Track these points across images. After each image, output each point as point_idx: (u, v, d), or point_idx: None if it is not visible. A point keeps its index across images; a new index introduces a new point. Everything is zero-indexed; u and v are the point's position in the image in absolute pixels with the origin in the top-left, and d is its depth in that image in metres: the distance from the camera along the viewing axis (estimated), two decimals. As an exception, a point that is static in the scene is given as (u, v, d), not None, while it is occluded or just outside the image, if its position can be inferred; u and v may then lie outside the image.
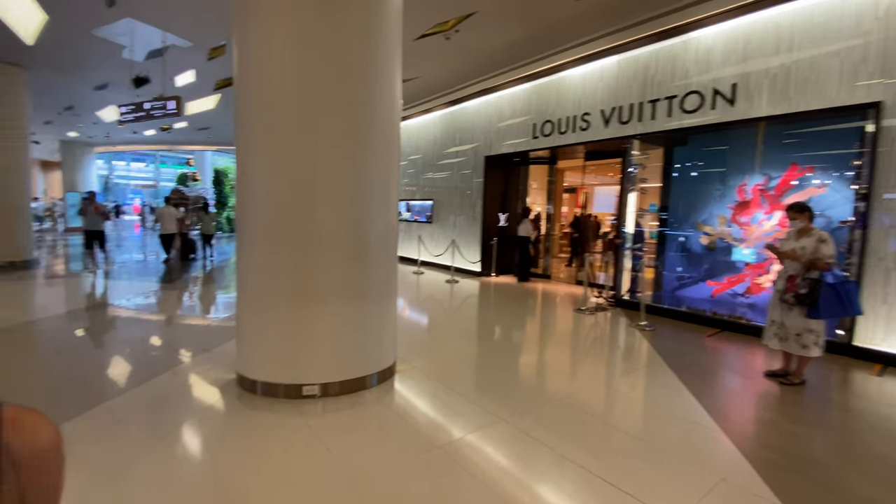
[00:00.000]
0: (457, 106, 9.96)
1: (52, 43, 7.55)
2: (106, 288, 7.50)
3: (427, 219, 10.87)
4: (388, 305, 3.65)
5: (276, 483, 2.29)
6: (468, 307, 6.93)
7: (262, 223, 3.24)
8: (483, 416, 3.07)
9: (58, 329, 5.01)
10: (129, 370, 3.82)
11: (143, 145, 22.86)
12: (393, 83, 3.54)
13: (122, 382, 3.55)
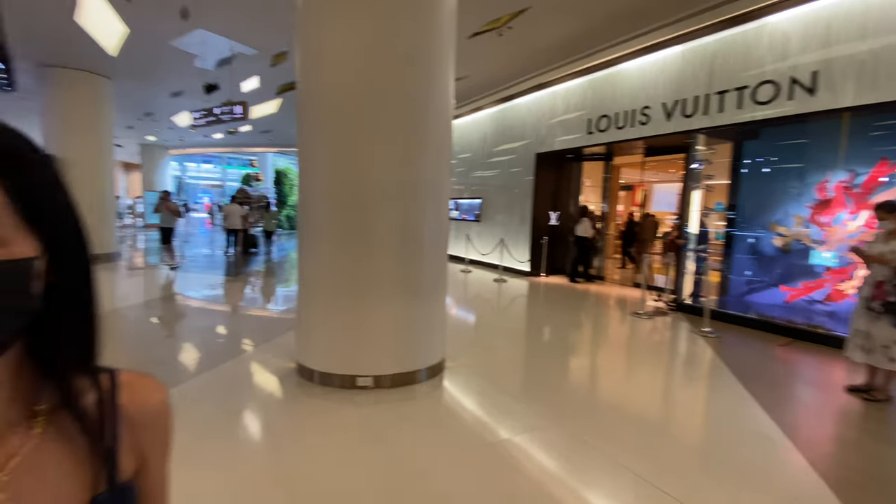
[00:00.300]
0: (507, 103, 9.86)
1: (133, 54, 8.26)
2: (178, 280, 8.12)
3: (475, 217, 10.86)
4: (437, 302, 3.69)
5: (332, 467, 2.38)
6: (517, 307, 6.84)
7: (321, 221, 3.38)
8: (533, 418, 3.01)
9: (136, 317, 5.49)
10: (198, 356, 4.11)
11: (212, 148, 24.53)
12: (446, 83, 3.56)
13: (192, 367, 3.83)
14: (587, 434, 2.81)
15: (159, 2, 6.13)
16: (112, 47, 7.78)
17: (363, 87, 3.21)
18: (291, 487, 2.21)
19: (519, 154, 9.58)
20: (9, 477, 0.41)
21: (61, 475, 0.44)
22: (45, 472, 0.43)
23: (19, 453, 0.42)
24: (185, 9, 6.26)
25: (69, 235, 0.43)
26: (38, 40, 7.60)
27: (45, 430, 0.44)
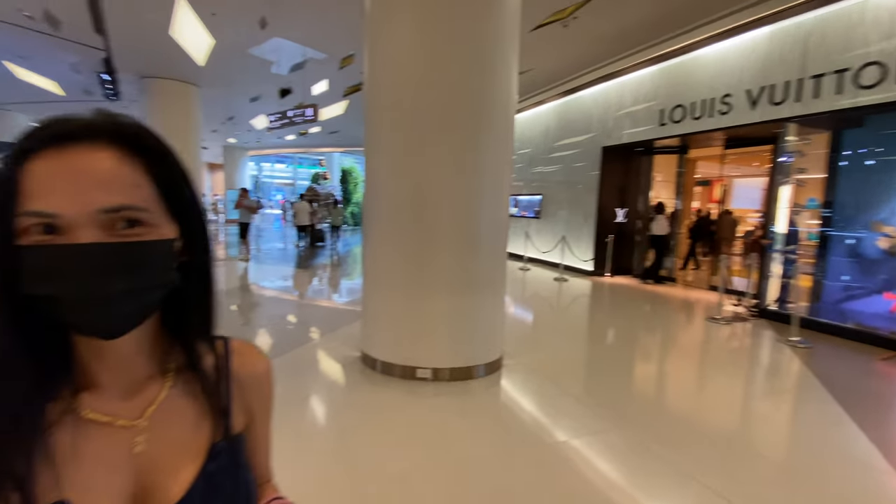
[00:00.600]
0: (571, 96, 9.54)
1: (218, 63, 8.99)
2: (253, 271, 8.76)
3: (535, 214, 10.65)
4: (496, 299, 3.68)
5: (392, 451, 2.47)
6: (578, 307, 6.63)
7: (384, 217, 3.50)
8: (595, 422, 2.92)
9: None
10: (270, 343, 4.43)
11: (285, 149, 26.15)
12: (509, 79, 3.54)
13: (265, 352, 4.13)
14: (653, 442, 2.67)
15: (241, 14, 6.63)
16: (200, 58, 8.55)
17: (426, 88, 3.27)
18: (353, 464, 2.32)
19: (583, 148, 9.25)
20: (148, 422, 0.49)
21: (187, 424, 0.52)
22: (174, 421, 0.51)
23: (155, 403, 0.50)
24: (263, 19, 6.72)
25: (197, 222, 0.49)
26: (139, 54, 8.52)
27: (174, 386, 0.52)
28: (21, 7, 6.52)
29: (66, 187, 0.39)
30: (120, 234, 0.41)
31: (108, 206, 0.40)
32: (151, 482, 0.48)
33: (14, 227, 0.39)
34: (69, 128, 0.42)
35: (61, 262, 0.39)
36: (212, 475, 0.51)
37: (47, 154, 0.40)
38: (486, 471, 2.35)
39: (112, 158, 0.42)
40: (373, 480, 2.24)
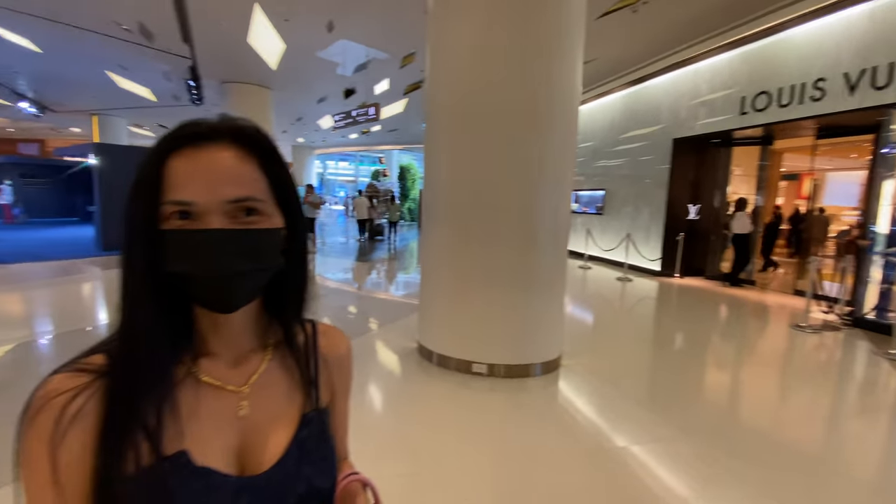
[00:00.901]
0: (638, 86, 9.04)
1: (288, 66, 9.50)
2: (318, 263, 9.20)
3: (597, 210, 10.23)
4: (555, 297, 3.58)
5: (449, 441, 2.49)
6: (643, 309, 6.29)
7: (443, 211, 3.52)
8: (660, 429, 2.75)
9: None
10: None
11: (348, 147, 27.20)
12: (574, 70, 3.42)
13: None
14: (725, 454, 2.48)
15: (310, 18, 6.95)
16: (273, 62, 9.09)
17: (487, 82, 3.23)
18: (409, 452, 2.36)
19: (651, 140, 8.74)
20: (250, 389, 0.55)
21: (282, 394, 0.58)
22: (272, 390, 0.57)
23: (257, 373, 0.56)
24: (330, 22, 7.01)
25: (297, 213, 0.56)
26: (220, 61, 9.21)
27: (272, 359, 0.59)
28: (120, 21, 7.28)
29: (201, 181, 0.47)
30: (241, 221, 0.48)
31: (233, 197, 0.48)
32: (252, 443, 0.54)
33: (159, 213, 0.47)
34: (200, 130, 0.49)
35: (198, 244, 0.46)
36: (303, 441, 0.56)
37: (184, 152, 0.48)
38: (541, 470, 2.30)
39: (235, 157, 0.49)
40: (428, 469, 2.27)
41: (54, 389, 0.45)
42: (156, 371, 0.48)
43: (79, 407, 0.45)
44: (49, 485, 0.44)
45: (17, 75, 11.16)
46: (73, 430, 0.44)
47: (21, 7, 6.78)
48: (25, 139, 25.84)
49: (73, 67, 10.09)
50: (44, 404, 0.44)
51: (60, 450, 0.44)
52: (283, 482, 0.53)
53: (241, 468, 0.52)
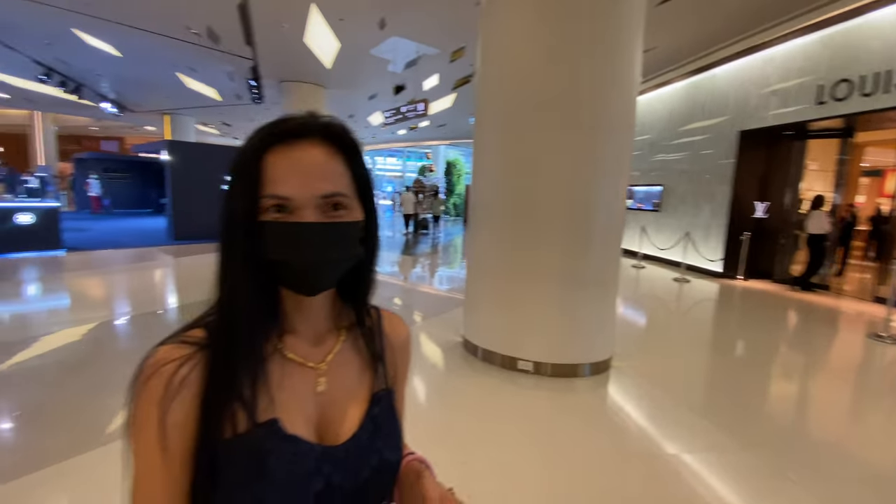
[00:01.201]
0: (702, 74, 8.49)
1: (342, 65, 9.78)
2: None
3: (653, 206, 9.75)
4: (607, 297, 3.45)
5: (494, 438, 2.47)
6: (702, 312, 5.94)
7: (492, 205, 3.48)
8: (717, 438, 2.59)
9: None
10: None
11: (396, 143, 27.63)
12: (633, 60, 3.27)
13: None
14: (791, 468, 2.29)
15: (363, 16, 7.09)
16: (328, 61, 9.38)
17: (541, 74, 3.15)
18: (454, 444, 2.36)
19: (715, 132, 8.20)
20: (327, 367, 0.60)
21: (354, 372, 0.62)
22: (345, 369, 0.62)
23: (333, 352, 0.61)
24: (382, 19, 7.12)
25: (372, 207, 0.59)
26: (279, 61, 9.62)
27: (346, 340, 0.63)
28: (191, 26, 7.77)
29: (297, 177, 0.51)
30: (330, 215, 0.53)
31: (325, 192, 0.52)
32: (329, 417, 0.58)
33: (259, 206, 0.51)
34: (293, 128, 0.53)
35: (296, 235, 0.50)
36: (375, 417, 0.60)
37: (279, 149, 0.52)
38: (587, 471, 2.23)
39: (325, 153, 0.53)
40: (475, 460, 2.26)
41: (163, 358, 0.50)
42: (252, 346, 0.53)
43: (184, 375, 0.49)
44: (157, 446, 0.47)
45: (101, 78, 12.24)
46: (179, 396, 0.49)
47: (106, 15, 7.41)
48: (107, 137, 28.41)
49: (149, 70, 10.92)
50: (154, 371, 0.49)
51: (168, 413, 0.48)
52: (359, 454, 0.57)
53: (319, 440, 0.56)
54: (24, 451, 2.23)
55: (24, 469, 2.06)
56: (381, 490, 0.59)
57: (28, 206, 7.81)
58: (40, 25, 8.17)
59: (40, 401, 2.75)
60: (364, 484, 0.56)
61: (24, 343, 3.67)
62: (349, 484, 0.55)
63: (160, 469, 0.48)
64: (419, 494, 0.58)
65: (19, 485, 1.96)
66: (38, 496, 1.90)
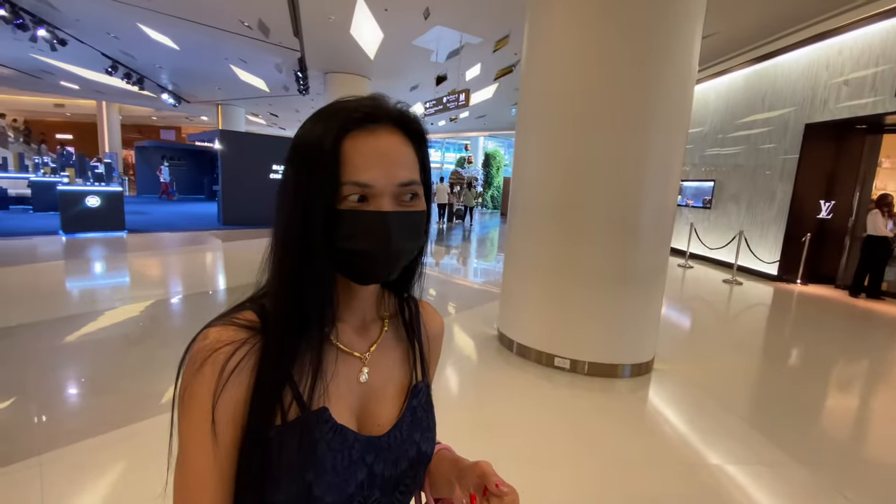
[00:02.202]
0: (763, 63, 7.93)
1: (385, 55, 9.84)
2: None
3: (703, 203, 9.26)
4: (651, 296, 3.31)
5: (528, 434, 2.44)
6: (754, 317, 5.61)
7: (533, 200, 3.41)
8: (765, 450, 2.44)
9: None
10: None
11: (435, 134, 27.67)
12: (691, 47, 3.08)
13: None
14: (849, 488, 2.12)
15: (407, 7, 7.08)
16: (372, 52, 9.47)
17: (591, 61, 3.04)
18: (488, 439, 2.36)
19: (776, 125, 7.66)
20: (370, 357, 0.59)
21: (395, 363, 0.62)
22: (387, 359, 0.61)
23: (376, 342, 0.60)
24: (427, 9, 7.09)
25: (429, 198, 0.57)
26: (324, 52, 9.80)
27: (388, 330, 0.63)
28: (244, 19, 8.05)
29: (379, 164, 0.49)
30: (405, 204, 0.51)
31: (404, 180, 0.50)
32: (370, 408, 0.58)
33: (340, 193, 0.48)
34: (370, 112, 0.50)
35: (377, 225, 0.49)
36: (415, 409, 0.61)
37: (359, 134, 0.49)
38: (622, 475, 2.16)
39: (402, 142, 0.52)
40: (508, 458, 2.24)
41: (216, 340, 0.48)
42: (315, 333, 0.52)
43: (238, 361, 0.48)
44: (208, 431, 0.47)
45: (161, 70, 12.93)
46: (232, 382, 0.48)
47: (166, 9, 7.80)
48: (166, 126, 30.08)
49: (204, 62, 11.43)
50: (208, 356, 0.48)
51: (220, 400, 0.47)
52: (399, 445, 0.57)
53: (359, 429, 0.56)
54: (88, 416, 2.42)
55: (89, 432, 2.23)
56: (416, 479, 0.60)
57: (96, 191, 8.42)
58: (108, 20, 8.71)
59: (104, 370, 2.97)
60: (402, 474, 0.57)
61: (90, 316, 3.98)
62: (389, 473, 0.56)
63: (210, 453, 0.47)
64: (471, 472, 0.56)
65: (85, 446, 2.13)
66: (100, 458, 2.06)
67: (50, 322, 3.74)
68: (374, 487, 0.54)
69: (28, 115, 25.18)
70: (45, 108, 26.16)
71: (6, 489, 1.83)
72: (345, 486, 0.52)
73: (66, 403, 2.58)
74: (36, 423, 2.32)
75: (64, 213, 8.06)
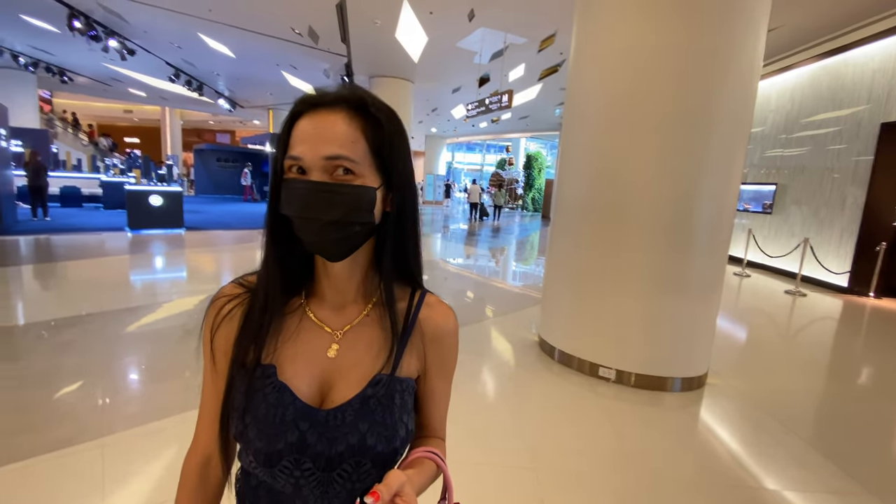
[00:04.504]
0: (833, 58, 7.32)
1: (428, 59, 9.92)
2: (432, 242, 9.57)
3: (763, 208, 8.67)
4: (706, 306, 3.11)
5: (570, 446, 2.35)
6: (820, 331, 5.17)
7: (580, 203, 3.28)
8: (832, 478, 2.23)
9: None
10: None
11: (476, 136, 27.59)
12: (755, 41, 2.88)
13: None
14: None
15: (452, 10, 7.10)
16: (416, 55, 9.57)
17: (645, 55, 2.89)
18: (529, 447, 2.29)
19: (848, 125, 7.05)
20: (342, 336, 0.63)
21: (369, 348, 0.63)
22: (360, 343, 0.63)
23: (353, 322, 0.64)
24: (472, 11, 7.08)
25: (399, 179, 0.60)
26: (370, 56, 10.01)
27: (368, 315, 0.64)
28: (295, 27, 8.36)
29: (309, 140, 0.54)
30: (336, 178, 0.55)
31: (329, 154, 0.54)
32: (331, 383, 0.61)
33: (284, 166, 0.57)
34: (320, 98, 0.57)
35: (298, 191, 0.54)
36: (367, 399, 0.60)
37: (306, 116, 0.56)
38: (668, 495, 2.03)
39: (342, 120, 0.55)
40: (542, 470, 2.17)
41: (221, 293, 0.65)
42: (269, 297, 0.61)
43: (229, 310, 0.63)
44: (210, 360, 0.63)
45: (218, 77, 13.68)
46: (224, 325, 0.62)
47: (224, 20, 8.23)
48: (221, 130, 31.76)
49: (257, 69, 11.99)
50: (212, 304, 0.64)
51: (214, 337, 0.63)
52: (339, 427, 0.58)
53: (320, 401, 0.60)
54: (147, 402, 2.57)
55: (147, 417, 2.36)
56: (358, 469, 0.58)
57: (159, 190, 9.01)
58: (173, 31, 9.32)
59: (162, 359, 3.15)
60: (338, 456, 0.57)
61: (151, 307, 4.24)
62: (322, 448, 0.57)
63: (210, 379, 0.64)
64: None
65: (143, 430, 2.25)
66: (156, 441, 2.18)
67: (115, 312, 4.02)
68: (304, 455, 0.57)
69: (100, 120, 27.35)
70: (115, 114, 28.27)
71: (72, 468, 1.96)
72: (274, 439, 0.56)
73: (127, 389, 2.75)
74: (100, 406, 2.48)
75: (130, 211, 8.68)
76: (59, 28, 9.11)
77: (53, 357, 3.06)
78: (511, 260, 8.95)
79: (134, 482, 1.90)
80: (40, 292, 4.71)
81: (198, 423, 0.65)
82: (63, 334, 3.46)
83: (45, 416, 2.35)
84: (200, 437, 0.65)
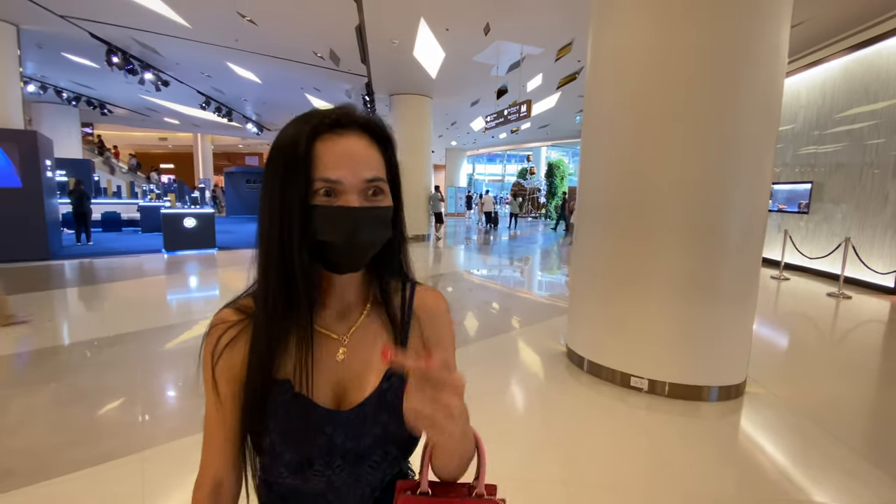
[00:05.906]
0: (865, 50, 7.03)
1: (446, 74, 10.06)
2: (442, 250, 9.57)
3: (799, 208, 8.33)
4: (742, 312, 2.99)
5: (599, 461, 2.29)
6: (867, 335, 4.89)
7: (605, 210, 3.23)
8: (889, 489, 2.08)
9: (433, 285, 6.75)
10: (476, 325, 4.72)
11: (496, 147, 27.67)
12: (778, 36, 2.81)
13: (472, 334, 4.42)
14: None
15: (468, 24, 7.21)
16: (434, 70, 9.73)
17: (666, 51, 2.86)
18: (557, 458, 2.24)
19: (885, 118, 6.74)
20: (349, 339, 0.65)
21: (377, 345, 0.66)
22: (366, 342, 0.66)
23: (356, 324, 0.66)
24: (487, 25, 7.17)
25: (399, 195, 0.64)
26: (389, 75, 10.24)
27: (369, 314, 0.67)
28: (317, 51, 8.65)
29: (347, 164, 0.56)
30: (370, 199, 0.58)
31: (369, 177, 0.57)
32: (345, 386, 0.64)
33: (312, 189, 0.55)
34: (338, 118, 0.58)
35: (345, 218, 0.55)
36: (384, 392, 0.63)
37: (329, 137, 0.57)
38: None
39: (367, 144, 0.59)
40: (573, 483, 2.12)
41: (219, 319, 0.63)
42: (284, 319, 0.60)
43: (231, 337, 0.62)
44: (212, 388, 0.63)
45: (246, 102, 14.25)
46: (226, 352, 0.62)
47: (250, 48, 8.61)
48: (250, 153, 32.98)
49: (282, 93, 12.42)
50: (210, 330, 0.63)
51: (217, 364, 0.62)
52: (362, 422, 0.62)
53: (338, 404, 0.63)
54: (184, 416, 2.65)
55: (185, 431, 2.44)
56: (387, 456, 0.63)
57: (192, 213, 9.39)
58: (202, 61, 9.80)
59: (198, 374, 3.24)
60: (367, 449, 0.62)
61: (186, 325, 4.40)
62: (351, 445, 0.61)
63: (214, 407, 0.63)
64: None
65: (181, 444, 2.33)
66: (194, 453, 2.23)
67: (153, 330, 4.18)
68: (334, 455, 0.60)
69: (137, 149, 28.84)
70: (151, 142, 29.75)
71: (113, 481, 2.04)
72: (304, 448, 0.59)
73: (165, 404, 2.85)
74: (140, 421, 2.58)
75: (166, 233, 9.07)
76: (99, 63, 9.72)
77: (97, 375, 3.20)
78: (535, 269, 8.86)
79: (173, 493, 1.96)
80: (84, 313, 4.95)
81: (203, 452, 0.66)
82: (105, 353, 3.62)
83: (89, 432, 2.45)
84: (208, 466, 0.65)
